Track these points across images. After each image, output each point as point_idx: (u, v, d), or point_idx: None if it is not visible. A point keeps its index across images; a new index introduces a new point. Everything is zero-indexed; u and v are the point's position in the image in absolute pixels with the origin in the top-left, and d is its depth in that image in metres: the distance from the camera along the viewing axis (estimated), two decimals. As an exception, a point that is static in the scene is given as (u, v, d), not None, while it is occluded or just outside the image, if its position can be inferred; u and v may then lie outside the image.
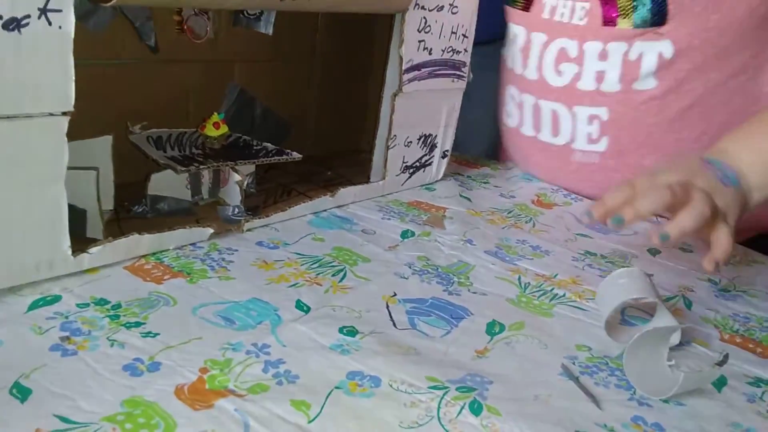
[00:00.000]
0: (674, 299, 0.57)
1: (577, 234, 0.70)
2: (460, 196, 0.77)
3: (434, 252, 0.61)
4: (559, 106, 0.78)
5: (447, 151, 0.81)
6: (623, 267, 0.57)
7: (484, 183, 0.84)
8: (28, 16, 0.39)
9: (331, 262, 0.56)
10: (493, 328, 0.48)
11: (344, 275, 0.54)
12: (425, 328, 0.47)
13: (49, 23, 0.40)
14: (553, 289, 0.56)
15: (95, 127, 0.55)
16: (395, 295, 0.51)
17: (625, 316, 0.53)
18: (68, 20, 0.41)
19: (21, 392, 0.35)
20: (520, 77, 0.82)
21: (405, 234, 0.64)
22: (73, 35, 0.41)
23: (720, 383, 0.44)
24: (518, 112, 0.84)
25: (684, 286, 0.60)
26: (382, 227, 0.65)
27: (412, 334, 0.46)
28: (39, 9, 0.40)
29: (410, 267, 0.57)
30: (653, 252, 0.67)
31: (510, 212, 0.74)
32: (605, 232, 0.71)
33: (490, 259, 0.61)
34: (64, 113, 0.43)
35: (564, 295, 0.55)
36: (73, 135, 0.44)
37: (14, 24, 0.39)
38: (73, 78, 0.42)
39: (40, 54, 0.40)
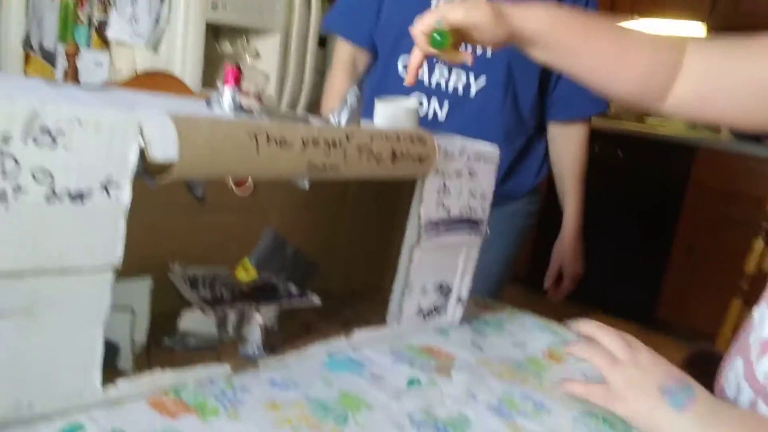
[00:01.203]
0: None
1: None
2: (472, 344, 0.81)
3: (437, 403, 0.64)
4: None
5: (462, 297, 0.85)
6: (621, 430, 0.59)
7: (498, 330, 0.88)
8: (92, 191, 0.48)
9: (335, 407, 0.60)
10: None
11: (345, 422, 0.58)
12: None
13: (109, 196, 0.48)
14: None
15: (140, 262, 0.62)
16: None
17: None
18: (125, 194, 0.49)
19: None
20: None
21: (412, 382, 0.68)
22: (128, 205, 0.50)
23: None
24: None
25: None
26: (391, 372, 0.69)
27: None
28: (101, 185, 0.48)
29: (410, 418, 0.60)
30: None
31: (519, 365, 0.77)
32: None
33: (490, 415, 0.63)
34: (111, 269, 0.50)
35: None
36: (119, 270, 0.51)
37: (79, 197, 0.47)
38: (123, 239, 0.50)
39: (97, 222, 0.48)
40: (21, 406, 0.49)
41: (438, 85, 1.19)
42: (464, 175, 0.78)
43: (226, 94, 0.58)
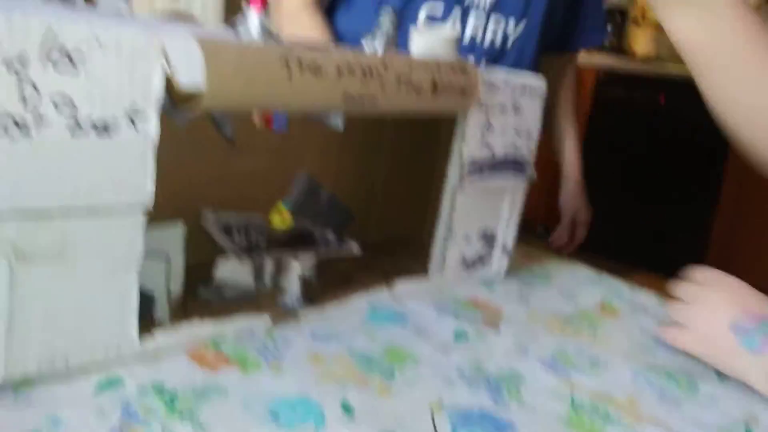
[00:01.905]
0: (737, 427, 0.54)
1: (640, 345, 0.68)
2: (520, 296, 0.77)
3: (486, 357, 0.60)
4: None
5: (508, 247, 0.81)
6: (685, 385, 0.55)
7: (546, 281, 0.83)
8: (117, 121, 0.43)
9: (381, 361, 0.56)
10: (541, 446, 0.47)
11: (392, 376, 0.54)
12: (471, 440, 0.46)
13: (136, 129, 0.44)
14: (607, 409, 0.54)
15: (172, 209, 0.59)
16: (441, 402, 0.51)
17: None
18: (152, 125, 0.45)
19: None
20: None
21: (458, 335, 0.64)
22: (156, 138, 0.45)
23: None
24: None
25: (750, 414, 0.56)
26: (436, 325, 0.65)
27: (457, 446, 0.45)
28: (126, 114, 0.44)
29: (460, 372, 0.56)
30: (722, 376, 0.63)
31: (571, 319, 0.73)
32: (671, 349, 0.68)
33: (544, 370, 0.59)
34: (142, 208, 0.46)
35: (618, 419, 0.53)
36: (150, 217, 0.47)
37: (104, 129, 0.43)
38: (153, 177, 0.46)
39: (126, 156, 0.44)
40: (56, 359, 0.45)
41: (473, 39, 1.07)
42: (509, 110, 0.72)
43: (253, 17, 0.53)
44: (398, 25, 0.99)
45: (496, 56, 1.08)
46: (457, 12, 1.04)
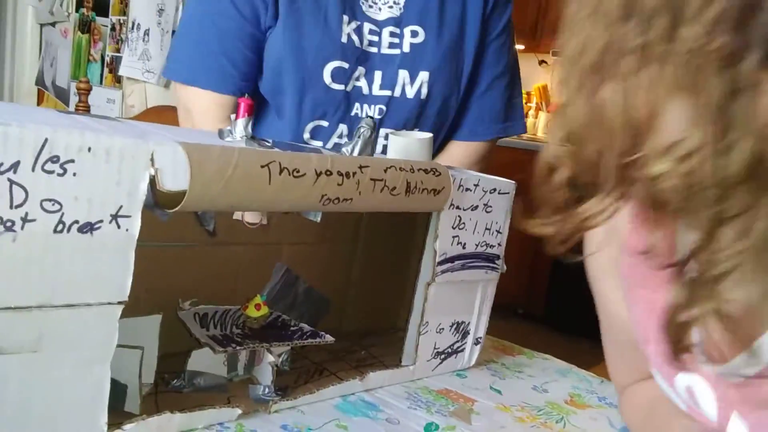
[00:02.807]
0: None
1: None
2: (491, 388, 0.78)
3: None
4: None
5: (480, 338, 0.83)
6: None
7: (518, 373, 0.85)
8: (101, 221, 0.46)
9: (350, 453, 0.57)
10: None
11: (361, 469, 0.54)
12: None
13: (118, 227, 0.47)
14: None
15: (150, 301, 0.60)
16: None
17: None
18: (135, 224, 0.48)
19: None
20: None
21: (429, 427, 0.64)
22: (137, 236, 0.48)
23: None
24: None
25: None
26: (407, 417, 0.66)
27: None
28: (111, 215, 0.46)
29: (429, 464, 0.57)
30: None
31: (541, 410, 0.74)
32: None
33: None
34: (119, 302, 0.48)
35: None
36: (127, 309, 0.49)
37: (88, 228, 0.45)
38: (132, 272, 0.48)
39: (106, 253, 0.47)
40: (22, 451, 0.46)
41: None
42: (480, 208, 0.76)
43: (239, 125, 0.57)
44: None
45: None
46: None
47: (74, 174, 0.44)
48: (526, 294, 3.38)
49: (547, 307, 3.30)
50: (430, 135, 0.75)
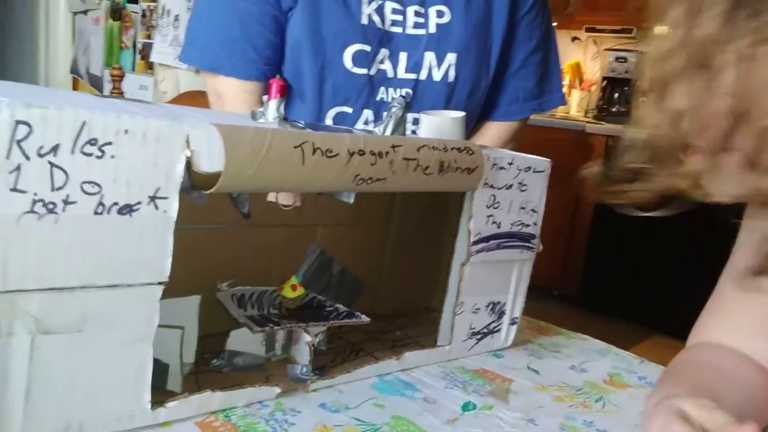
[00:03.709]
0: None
1: None
2: (528, 368, 0.77)
3: (494, 429, 0.60)
4: None
5: (516, 318, 0.82)
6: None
7: (555, 353, 0.84)
8: (140, 203, 0.47)
9: None
10: None
11: (399, 447, 0.55)
12: None
13: (156, 208, 0.47)
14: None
15: (188, 283, 0.61)
16: (446, 474, 0.52)
17: None
18: (173, 206, 0.48)
19: None
20: None
21: (466, 406, 0.64)
22: (175, 218, 0.49)
23: None
24: None
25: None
26: (444, 396, 0.66)
27: None
28: (149, 197, 0.47)
29: (467, 443, 0.57)
30: None
31: (579, 389, 0.73)
32: None
33: None
34: (159, 283, 0.49)
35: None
36: (167, 291, 0.50)
37: (127, 209, 0.46)
38: (171, 253, 0.49)
39: (146, 234, 0.47)
40: (71, 428, 0.47)
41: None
42: (515, 187, 0.75)
43: (271, 106, 0.57)
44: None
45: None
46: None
47: (112, 156, 0.45)
48: (561, 275, 3.35)
49: (583, 288, 3.26)
50: (463, 113, 0.75)
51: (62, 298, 0.44)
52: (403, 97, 0.67)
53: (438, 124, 0.73)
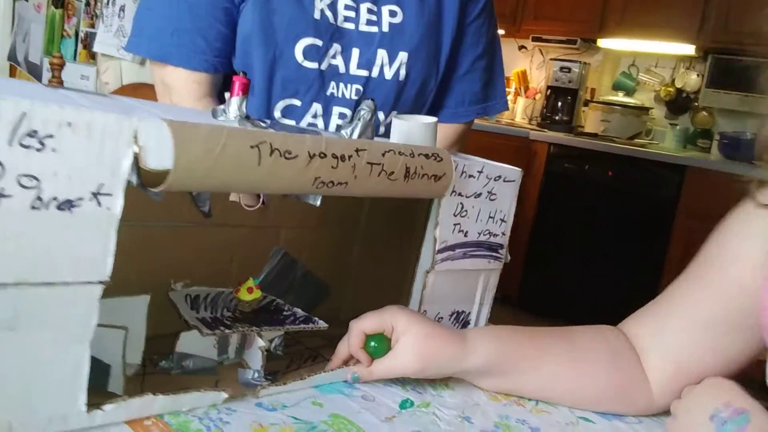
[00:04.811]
0: None
1: (580, 417, 0.68)
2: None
3: (430, 427, 0.60)
4: None
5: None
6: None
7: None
8: (81, 199, 0.45)
9: (325, 431, 0.56)
10: None
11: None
12: None
13: (99, 205, 0.46)
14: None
15: (142, 281, 0.60)
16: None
17: None
18: (117, 203, 0.46)
19: None
20: None
21: (404, 404, 0.63)
22: (119, 215, 0.47)
23: None
24: None
25: None
26: (382, 394, 0.65)
27: None
28: (92, 193, 0.45)
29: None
30: None
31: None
32: (609, 418, 0.68)
33: None
34: (100, 282, 0.47)
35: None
36: (117, 288, 0.48)
37: (67, 205, 0.44)
38: (113, 252, 0.47)
39: (86, 231, 0.45)
40: (1, 428, 0.46)
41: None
42: (483, 196, 0.74)
43: (233, 104, 0.56)
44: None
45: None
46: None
47: (53, 149, 0.43)
48: (501, 278, 3.36)
49: (522, 291, 3.34)
50: (434, 119, 0.73)
51: (-8, 293, 0.43)
52: (372, 100, 0.66)
53: (409, 129, 0.71)
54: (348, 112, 0.99)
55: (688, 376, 0.67)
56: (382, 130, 1.03)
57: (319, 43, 0.94)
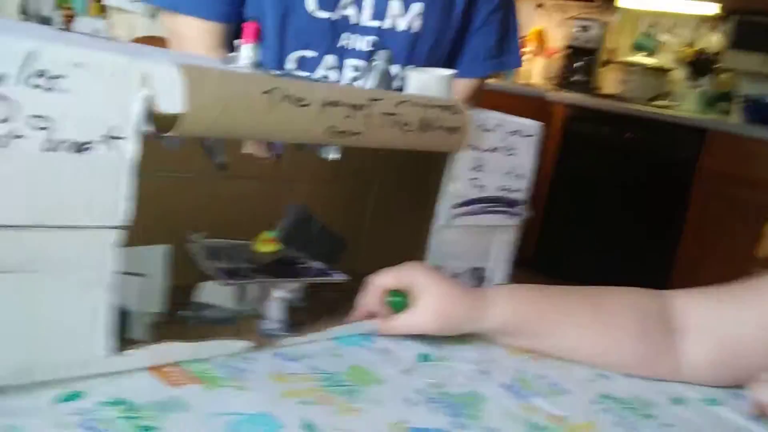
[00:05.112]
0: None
1: (599, 374, 0.67)
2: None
3: (449, 379, 0.60)
4: None
5: (497, 284, 0.80)
6: (642, 414, 0.54)
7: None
8: (92, 142, 0.45)
9: (344, 381, 0.56)
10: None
11: (355, 396, 0.54)
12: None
13: (111, 148, 0.46)
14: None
15: (160, 232, 0.60)
16: (402, 422, 0.51)
17: None
18: (129, 147, 0.46)
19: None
20: None
21: (421, 357, 0.64)
22: (133, 160, 0.47)
23: None
24: None
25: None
26: (400, 347, 0.65)
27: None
28: (103, 136, 0.45)
29: (421, 394, 0.56)
30: (676, 401, 0.63)
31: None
32: (630, 376, 0.67)
33: (505, 394, 0.59)
34: (116, 226, 0.47)
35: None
36: (136, 237, 0.49)
37: (78, 148, 0.44)
38: (128, 197, 0.47)
39: (99, 175, 0.46)
40: (21, 372, 0.46)
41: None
42: (501, 150, 0.73)
43: (244, 50, 0.55)
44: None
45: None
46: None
47: (64, 90, 0.43)
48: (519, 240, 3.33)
49: (539, 252, 3.28)
50: (452, 71, 0.72)
51: (7, 236, 0.43)
52: (388, 49, 0.65)
53: (424, 82, 0.70)
54: (362, 64, 0.98)
55: (732, 367, 0.65)
56: (396, 84, 1.02)
57: None
